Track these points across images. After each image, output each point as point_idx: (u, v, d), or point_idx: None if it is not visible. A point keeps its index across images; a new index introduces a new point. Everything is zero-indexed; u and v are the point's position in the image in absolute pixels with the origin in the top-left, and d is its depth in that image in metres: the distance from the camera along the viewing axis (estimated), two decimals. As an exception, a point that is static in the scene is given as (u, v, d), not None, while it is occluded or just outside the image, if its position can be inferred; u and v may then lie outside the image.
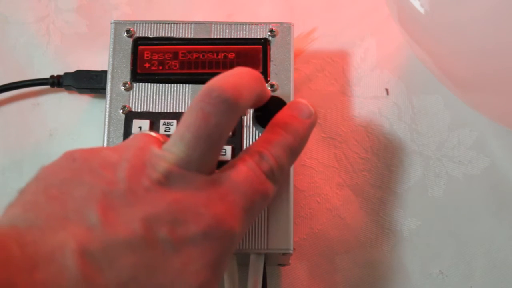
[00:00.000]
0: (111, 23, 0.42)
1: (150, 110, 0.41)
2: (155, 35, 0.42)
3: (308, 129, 0.35)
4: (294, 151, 0.34)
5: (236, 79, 0.32)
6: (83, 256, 0.27)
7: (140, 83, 0.41)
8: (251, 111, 0.40)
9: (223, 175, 0.32)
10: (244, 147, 0.40)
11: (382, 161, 0.45)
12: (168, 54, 0.42)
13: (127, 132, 0.40)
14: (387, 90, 0.47)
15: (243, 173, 0.31)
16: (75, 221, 0.28)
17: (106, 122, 0.40)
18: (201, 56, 0.42)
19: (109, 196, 0.29)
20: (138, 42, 0.42)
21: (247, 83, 0.32)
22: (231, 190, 0.31)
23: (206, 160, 0.31)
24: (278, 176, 0.33)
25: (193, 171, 0.31)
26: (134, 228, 0.28)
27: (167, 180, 0.30)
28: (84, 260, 0.27)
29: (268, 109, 0.36)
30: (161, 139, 0.32)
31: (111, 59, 0.42)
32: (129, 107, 0.41)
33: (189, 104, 0.40)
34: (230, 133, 0.37)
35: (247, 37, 0.42)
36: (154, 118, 0.40)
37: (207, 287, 0.30)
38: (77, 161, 0.31)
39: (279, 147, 0.33)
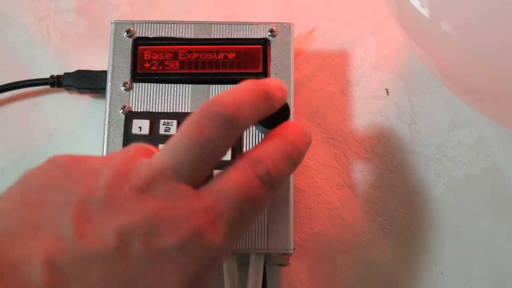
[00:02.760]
0: (111, 23, 0.42)
1: (150, 110, 0.41)
2: (155, 35, 0.42)
3: (305, 145, 0.34)
4: (292, 159, 0.33)
5: (238, 96, 0.31)
6: (50, 268, 0.26)
7: (140, 83, 0.41)
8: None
9: (211, 184, 0.30)
10: (244, 147, 0.40)
11: (382, 161, 0.45)
12: (168, 54, 0.42)
13: (127, 132, 0.40)
14: (387, 90, 0.47)
15: (233, 179, 0.30)
16: (47, 230, 0.27)
17: (106, 122, 0.40)
18: (201, 56, 0.42)
19: (85, 205, 0.28)
20: (138, 42, 0.42)
21: (249, 101, 0.31)
22: (216, 200, 0.30)
23: (196, 172, 0.30)
24: (277, 181, 0.31)
25: (180, 181, 0.29)
26: (107, 240, 0.27)
27: (148, 188, 0.29)
28: (51, 273, 0.26)
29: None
30: (154, 150, 0.31)
31: (111, 59, 0.42)
32: (129, 107, 0.41)
33: (189, 104, 0.41)
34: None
35: (247, 37, 0.42)
36: (154, 118, 0.40)
37: None
38: (60, 167, 0.30)
39: (278, 153, 0.32)
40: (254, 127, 0.40)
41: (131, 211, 0.28)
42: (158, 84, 0.41)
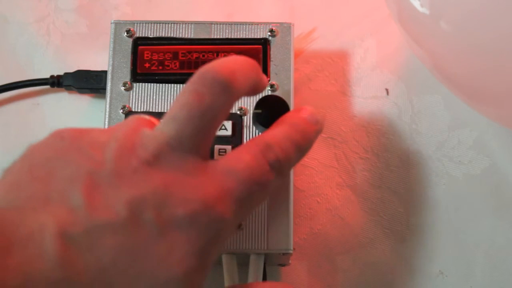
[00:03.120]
0: (111, 23, 0.42)
1: (150, 110, 0.41)
2: (155, 35, 0.42)
3: (315, 134, 0.34)
4: (301, 148, 0.33)
5: (231, 63, 0.31)
6: (63, 239, 0.26)
7: (140, 83, 0.41)
8: (251, 111, 0.40)
9: (221, 160, 0.31)
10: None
11: (382, 161, 0.45)
12: (168, 54, 0.42)
13: (127, 132, 0.40)
14: (387, 90, 0.47)
15: (245, 161, 0.30)
16: (58, 202, 0.28)
17: (106, 122, 0.40)
18: (201, 56, 0.42)
19: (95, 177, 0.28)
20: (138, 42, 0.42)
21: (242, 68, 0.31)
22: (227, 177, 0.30)
23: (199, 141, 0.30)
24: (285, 168, 0.32)
25: (184, 152, 0.30)
26: (118, 211, 0.28)
27: (156, 161, 0.29)
28: (63, 243, 0.26)
29: (267, 108, 0.36)
30: (155, 122, 0.32)
31: (111, 59, 0.42)
32: (129, 107, 0.41)
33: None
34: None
35: (247, 37, 0.42)
36: (154, 118, 0.40)
37: (193, 276, 0.28)
38: (65, 140, 0.30)
39: (287, 140, 0.32)
40: (254, 127, 0.40)
41: (141, 184, 0.28)
42: (158, 84, 0.41)
